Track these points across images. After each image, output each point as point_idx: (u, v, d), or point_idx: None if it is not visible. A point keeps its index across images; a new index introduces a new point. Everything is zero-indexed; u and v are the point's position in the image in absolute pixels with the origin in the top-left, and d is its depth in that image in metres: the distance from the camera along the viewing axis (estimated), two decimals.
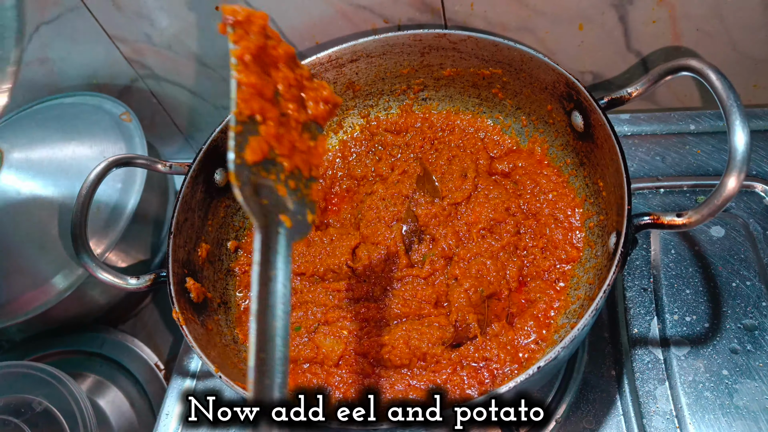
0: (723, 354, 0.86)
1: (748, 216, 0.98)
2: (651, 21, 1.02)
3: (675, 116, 1.11)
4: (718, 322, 0.89)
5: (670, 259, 0.96)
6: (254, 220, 0.55)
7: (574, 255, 0.88)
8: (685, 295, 0.92)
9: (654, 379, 0.87)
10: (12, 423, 0.93)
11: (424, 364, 0.82)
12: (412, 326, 0.84)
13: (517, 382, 0.66)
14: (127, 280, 0.86)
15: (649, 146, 1.09)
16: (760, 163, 1.04)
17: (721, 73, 0.68)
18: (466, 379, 0.80)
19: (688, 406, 0.83)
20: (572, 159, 0.94)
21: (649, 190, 1.04)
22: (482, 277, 0.87)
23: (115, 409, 1.06)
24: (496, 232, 0.92)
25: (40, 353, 1.11)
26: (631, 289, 0.95)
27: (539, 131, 0.98)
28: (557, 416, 0.87)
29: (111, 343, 1.12)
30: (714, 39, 1.04)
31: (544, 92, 0.93)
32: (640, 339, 0.90)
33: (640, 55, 1.08)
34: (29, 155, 1.10)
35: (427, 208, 0.94)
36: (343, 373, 0.83)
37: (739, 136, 0.64)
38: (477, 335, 0.82)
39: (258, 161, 0.58)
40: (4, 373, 0.99)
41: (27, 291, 1.05)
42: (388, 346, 0.83)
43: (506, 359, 0.81)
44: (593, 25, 1.04)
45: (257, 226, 0.55)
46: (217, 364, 0.76)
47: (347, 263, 0.93)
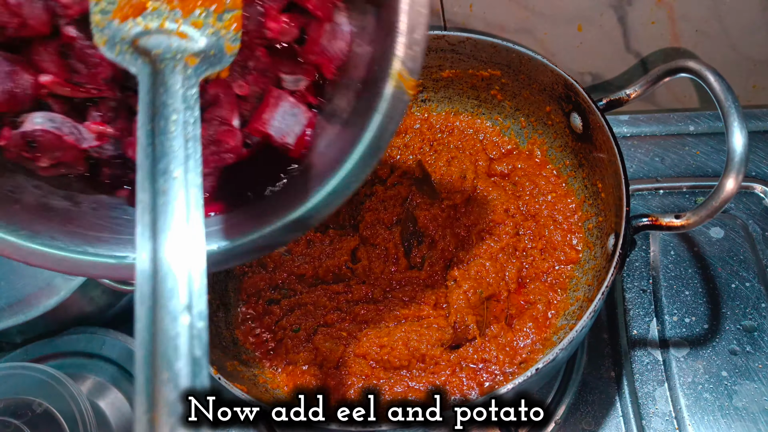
0: (722, 355, 0.87)
1: (748, 217, 0.98)
2: (650, 22, 1.02)
3: (674, 117, 1.12)
4: (717, 323, 0.89)
5: (669, 261, 0.96)
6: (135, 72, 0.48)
7: (573, 256, 0.88)
8: (684, 297, 0.92)
9: (653, 381, 0.87)
10: (12, 424, 0.93)
11: (423, 366, 0.82)
12: (411, 328, 0.84)
13: (516, 384, 0.66)
14: (127, 281, 0.86)
15: (648, 147, 1.09)
16: (759, 164, 1.04)
17: (719, 74, 0.68)
18: (465, 380, 0.80)
19: (688, 407, 0.84)
20: (571, 160, 0.94)
21: (649, 191, 1.05)
22: (481, 279, 0.87)
23: (115, 411, 1.06)
24: (495, 234, 0.92)
25: (41, 355, 1.11)
26: (630, 290, 0.95)
27: (538, 132, 0.98)
28: (556, 417, 0.87)
29: (111, 345, 1.12)
30: (713, 40, 1.04)
31: (543, 94, 0.93)
32: (639, 340, 0.90)
33: (640, 55, 1.09)
34: None
35: (426, 209, 0.94)
36: (342, 375, 0.83)
37: (737, 138, 0.64)
38: (476, 337, 0.82)
39: (133, 17, 0.50)
40: (4, 374, 0.99)
41: (27, 293, 1.05)
42: (387, 348, 0.83)
43: (505, 361, 0.81)
44: (592, 26, 1.04)
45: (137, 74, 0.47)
46: (216, 366, 0.76)
47: (347, 264, 0.93)
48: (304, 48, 0.61)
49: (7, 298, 1.06)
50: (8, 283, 1.06)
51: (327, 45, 0.60)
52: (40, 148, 0.56)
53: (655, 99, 1.17)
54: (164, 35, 0.50)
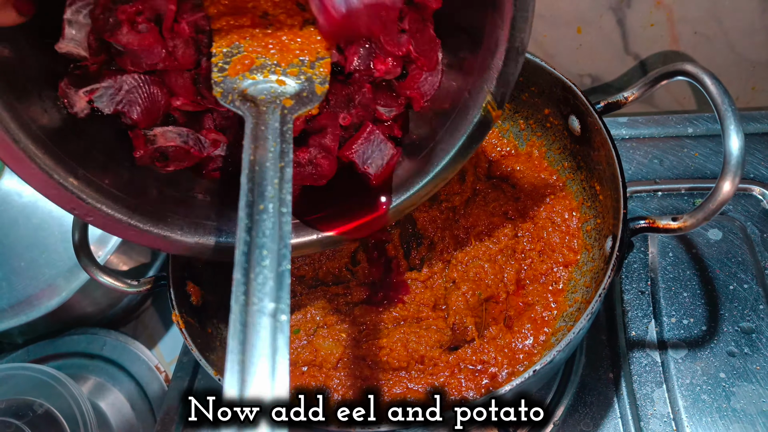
0: (720, 357, 0.87)
1: (746, 219, 0.99)
2: (649, 24, 1.03)
3: (673, 119, 1.12)
4: (715, 325, 0.89)
5: (667, 262, 0.96)
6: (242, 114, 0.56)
7: (572, 258, 0.89)
8: (682, 298, 0.93)
9: (651, 382, 0.87)
10: (13, 425, 0.93)
11: (421, 367, 0.83)
12: (410, 329, 0.84)
13: (513, 386, 0.67)
14: (127, 283, 0.87)
15: (647, 149, 1.10)
16: (757, 165, 1.04)
17: (715, 77, 0.69)
18: (463, 381, 0.80)
19: (686, 408, 0.84)
20: (570, 163, 0.94)
21: (647, 193, 1.05)
22: (480, 281, 0.87)
23: (115, 411, 1.06)
24: (494, 236, 0.92)
25: (42, 355, 1.12)
26: (628, 292, 0.95)
27: (537, 135, 0.99)
28: (555, 419, 0.88)
29: (112, 346, 1.12)
30: (712, 42, 1.04)
31: (542, 96, 0.93)
32: (637, 342, 0.91)
33: (639, 57, 1.09)
34: None
35: (425, 211, 0.95)
36: (341, 376, 0.83)
37: (733, 141, 0.65)
38: (474, 338, 0.83)
39: (243, 73, 0.59)
40: (5, 375, 0.99)
41: (29, 294, 1.06)
42: (386, 349, 0.83)
43: (503, 362, 0.81)
44: (591, 29, 1.04)
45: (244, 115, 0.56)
46: (217, 367, 0.76)
47: (346, 266, 0.94)
48: (402, 84, 0.70)
49: (9, 299, 1.06)
50: (10, 284, 1.07)
51: (422, 82, 0.70)
52: (171, 159, 0.68)
53: (654, 101, 1.17)
54: (267, 84, 0.60)
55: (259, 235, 0.47)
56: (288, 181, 0.51)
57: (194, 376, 1.02)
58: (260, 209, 0.49)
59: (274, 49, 0.62)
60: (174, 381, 1.02)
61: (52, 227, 1.07)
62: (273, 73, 0.61)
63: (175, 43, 0.62)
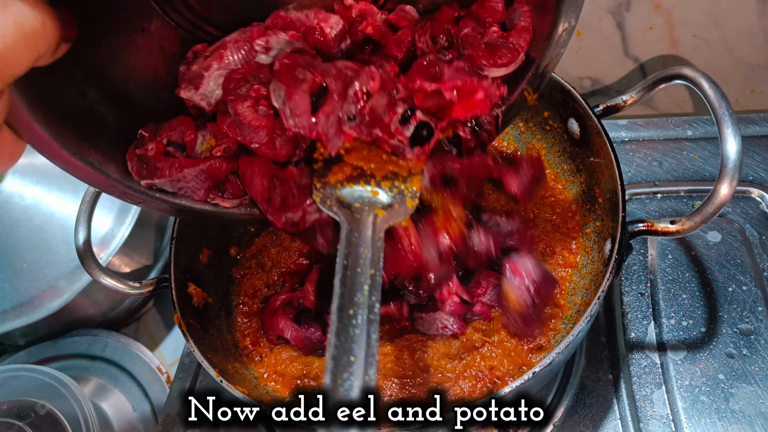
0: (719, 358, 0.87)
1: (745, 221, 0.99)
2: (648, 27, 1.03)
3: (672, 122, 1.12)
4: (714, 326, 0.90)
5: (666, 264, 0.97)
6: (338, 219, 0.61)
7: (571, 261, 0.89)
8: (681, 300, 0.93)
9: (651, 384, 0.87)
10: (15, 426, 0.94)
11: (427, 376, 0.82)
12: (417, 337, 0.84)
13: (513, 387, 0.67)
14: (129, 284, 0.87)
15: (646, 152, 1.10)
16: (756, 168, 1.05)
17: (713, 81, 0.69)
18: (467, 385, 0.80)
19: (685, 410, 0.84)
20: (569, 165, 0.94)
21: (647, 196, 1.05)
22: None
23: (117, 413, 1.07)
24: None
25: (44, 357, 1.12)
26: (628, 293, 0.96)
27: (537, 138, 0.99)
28: (555, 420, 0.88)
29: (114, 347, 1.13)
30: (711, 45, 1.05)
31: (541, 99, 0.94)
32: (636, 343, 0.91)
33: (638, 60, 1.09)
34: (33, 160, 1.11)
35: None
36: None
37: (730, 144, 0.65)
38: (484, 344, 0.82)
39: (342, 180, 0.64)
40: (7, 376, 1.00)
41: (31, 295, 1.06)
42: (390, 356, 0.83)
43: (509, 366, 0.81)
44: (591, 32, 1.05)
45: (340, 220, 0.61)
46: (218, 368, 0.77)
47: None
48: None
49: (11, 301, 1.06)
50: (12, 286, 1.07)
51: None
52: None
53: (653, 104, 1.17)
54: (362, 193, 0.64)
55: (347, 340, 0.51)
56: (378, 289, 0.55)
57: (196, 378, 1.03)
58: (350, 314, 0.53)
59: (371, 160, 0.65)
60: (176, 382, 1.02)
61: (54, 229, 1.07)
62: (368, 184, 0.65)
63: (281, 135, 0.65)
